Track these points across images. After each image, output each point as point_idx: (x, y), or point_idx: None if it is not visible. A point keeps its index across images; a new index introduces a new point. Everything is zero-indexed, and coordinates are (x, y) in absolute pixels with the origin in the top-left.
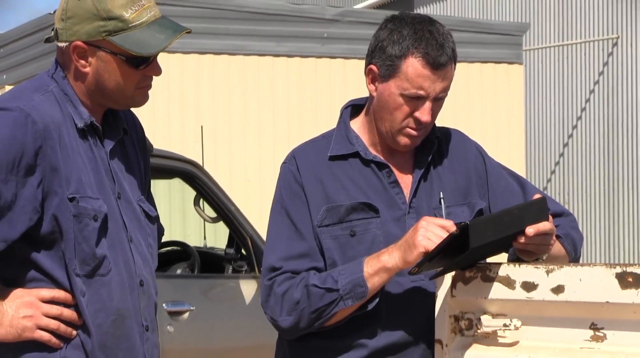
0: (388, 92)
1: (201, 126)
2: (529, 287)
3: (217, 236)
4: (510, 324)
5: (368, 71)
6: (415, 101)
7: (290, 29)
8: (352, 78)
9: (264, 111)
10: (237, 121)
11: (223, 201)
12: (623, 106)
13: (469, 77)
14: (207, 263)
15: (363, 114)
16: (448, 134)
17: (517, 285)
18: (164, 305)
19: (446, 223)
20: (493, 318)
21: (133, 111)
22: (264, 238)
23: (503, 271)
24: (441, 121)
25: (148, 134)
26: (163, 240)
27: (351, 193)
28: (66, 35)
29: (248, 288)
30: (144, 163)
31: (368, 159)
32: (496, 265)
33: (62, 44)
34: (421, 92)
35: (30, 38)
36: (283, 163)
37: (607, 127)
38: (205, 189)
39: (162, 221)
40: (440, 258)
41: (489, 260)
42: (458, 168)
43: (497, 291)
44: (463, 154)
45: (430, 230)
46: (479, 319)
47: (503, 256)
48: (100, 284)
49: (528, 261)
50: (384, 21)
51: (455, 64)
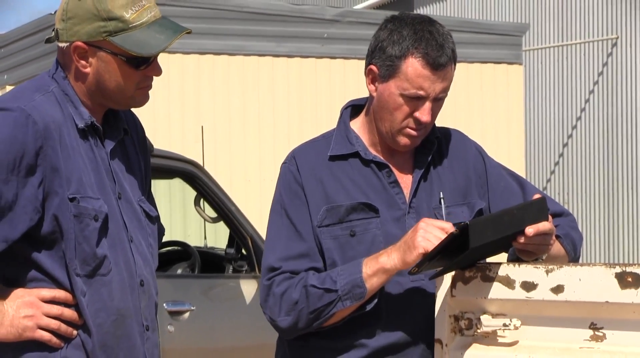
0: (388, 93)
1: (201, 126)
2: (529, 287)
3: (218, 236)
4: (510, 324)
5: (368, 71)
6: (415, 101)
7: (290, 30)
8: (352, 78)
9: (264, 111)
10: (237, 121)
11: (223, 201)
12: (622, 107)
13: (469, 78)
14: (208, 263)
15: (363, 115)
16: (448, 135)
17: (517, 284)
18: (165, 304)
19: (445, 225)
20: (493, 317)
21: (133, 111)
22: (264, 238)
23: (503, 271)
24: (441, 121)
25: (148, 134)
26: (164, 239)
27: (351, 193)
28: (67, 35)
29: (248, 288)
30: (145, 163)
31: (368, 159)
32: (496, 264)
33: (63, 45)
34: (421, 93)
35: (31, 38)
36: (283, 163)
37: (607, 128)
38: (205, 189)
39: (163, 221)
40: (440, 258)
41: (489, 259)
42: (458, 168)
43: (497, 291)
44: (463, 154)
45: (429, 231)
46: (479, 319)
47: (503, 256)
48: (100, 284)
49: (528, 261)
50: (384, 21)
51: (455, 65)
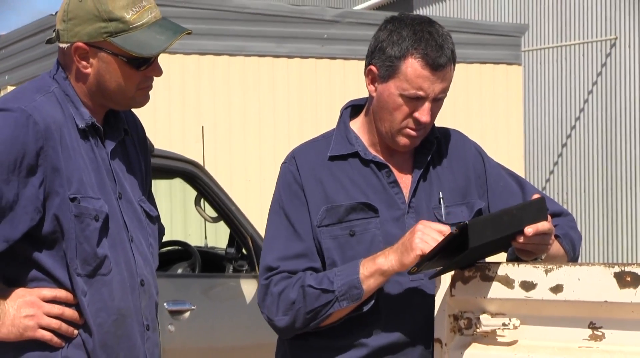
0: (388, 93)
1: (202, 127)
2: (528, 286)
3: (218, 236)
4: (509, 323)
5: (368, 72)
6: (414, 101)
7: (290, 30)
8: (352, 79)
9: (265, 111)
10: (238, 121)
11: (224, 201)
12: (621, 107)
13: (468, 78)
14: (208, 262)
15: (363, 115)
16: (447, 135)
17: (516, 284)
18: (165, 304)
19: (443, 227)
20: (492, 317)
21: (134, 111)
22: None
23: (502, 270)
24: (440, 122)
25: (149, 135)
26: (164, 239)
27: (351, 193)
28: (67, 36)
29: (248, 287)
30: (145, 163)
31: (367, 159)
32: (495, 264)
33: (64, 45)
34: (420, 93)
35: (32, 39)
36: (283, 163)
37: (605, 128)
38: (206, 189)
39: (163, 220)
40: (439, 257)
41: (488, 259)
42: (457, 168)
43: (496, 290)
44: (462, 155)
45: (427, 233)
46: (478, 318)
47: (502, 256)
48: (101, 284)
49: (527, 261)
50: (384, 22)
51: (454, 65)
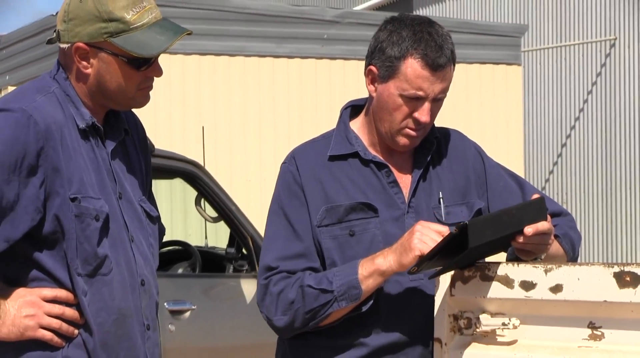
0: (387, 93)
1: (202, 127)
2: (528, 286)
3: (218, 236)
4: (508, 323)
5: (368, 72)
6: (414, 101)
7: (290, 31)
8: (352, 79)
9: (265, 111)
10: (238, 121)
11: (224, 201)
12: (620, 107)
13: (468, 78)
14: (208, 262)
15: (363, 115)
16: (447, 135)
17: (516, 284)
18: (166, 304)
19: (441, 228)
20: (492, 317)
21: (134, 111)
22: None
23: (502, 270)
24: (440, 122)
25: (150, 135)
26: (165, 239)
27: (350, 193)
28: (68, 36)
29: (249, 287)
30: (145, 163)
31: (367, 159)
32: (495, 264)
33: (64, 46)
34: (420, 93)
35: (32, 39)
36: (283, 163)
37: (605, 128)
38: (206, 189)
39: (164, 220)
40: (439, 257)
41: (488, 259)
42: (457, 168)
43: (496, 290)
44: (462, 155)
45: (425, 233)
46: (478, 318)
47: (502, 256)
48: (101, 283)
49: (526, 261)
50: (384, 22)
51: (454, 65)
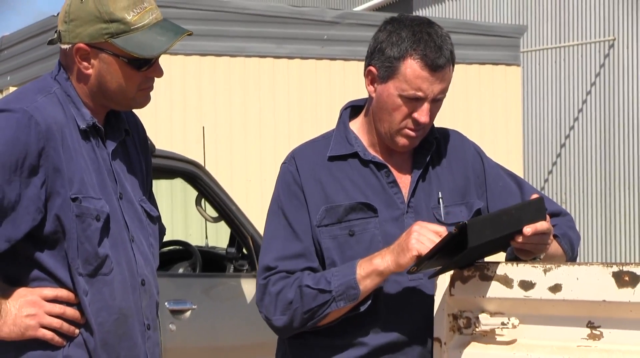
0: (387, 94)
1: (203, 127)
2: (527, 286)
3: (219, 236)
4: (508, 322)
5: (367, 72)
6: (413, 102)
7: (290, 31)
8: (352, 79)
9: (265, 112)
10: (238, 121)
11: (224, 201)
12: (619, 107)
13: (467, 79)
14: (209, 262)
15: (362, 115)
16: (446, 135)
17: (515, 283)
18: (166, 303)
19: (439, 228)
20: (491, 316)
21: (135, 111)
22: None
23: (501, 270)
24: (439, 122)
25: (150, 135)
26: (165, 239)
27: (350, 193)
28: (69, 37)
29: (249, 287)
30: (146, 164)
31: (367, 160)
32: (494, 264)
33: (65, 46)
34: (419, 94)
35: (33, 40)
36: (283, 163)
37: (604, 128)
38: (206, 189)
39: (164, 220)
40: (438, 257)
41: (487, 259)
42: (456, 168)
43: (495, 290)
44: (461, 155)
45: (423, 234)
46: (477, 318)
47: (501, 256)
48: (102, 283)
49: (526, 261)
50: (383, 23)
51: (453, 66)
